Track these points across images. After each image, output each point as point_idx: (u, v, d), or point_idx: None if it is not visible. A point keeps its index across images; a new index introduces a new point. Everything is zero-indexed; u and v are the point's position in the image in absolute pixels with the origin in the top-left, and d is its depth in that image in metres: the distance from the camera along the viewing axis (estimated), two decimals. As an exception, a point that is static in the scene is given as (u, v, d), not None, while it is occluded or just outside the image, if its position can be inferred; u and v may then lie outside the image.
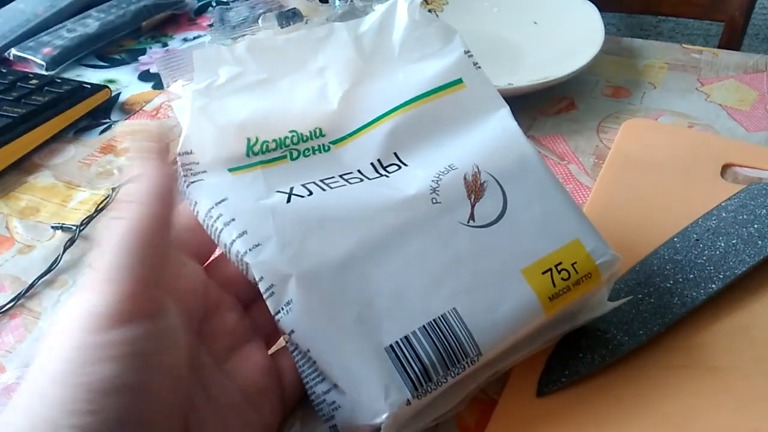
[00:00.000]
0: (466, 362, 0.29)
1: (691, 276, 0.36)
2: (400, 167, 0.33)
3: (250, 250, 0.29)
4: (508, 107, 0.35)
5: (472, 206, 0.31)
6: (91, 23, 0.71)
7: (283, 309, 0.29)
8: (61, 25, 0.71)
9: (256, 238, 0.29)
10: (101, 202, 0.47)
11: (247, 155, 0.32)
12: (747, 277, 0.36)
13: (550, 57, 0.59)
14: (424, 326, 0.28)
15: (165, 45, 0.71)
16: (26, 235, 0.46)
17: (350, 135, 0.34)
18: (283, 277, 0.28)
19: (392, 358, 0.28)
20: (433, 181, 0.32)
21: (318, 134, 0.33)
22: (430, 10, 0.68)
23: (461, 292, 0.29)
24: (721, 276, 0.35)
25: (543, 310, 0.30)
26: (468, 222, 0.31)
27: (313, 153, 0.33)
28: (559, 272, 0.30)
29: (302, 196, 0.31)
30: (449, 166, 0.32)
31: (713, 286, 0.35)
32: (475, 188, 0.32)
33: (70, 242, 0.44)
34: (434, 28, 0.36)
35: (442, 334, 0.28)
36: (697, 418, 0.31)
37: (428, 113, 0.34)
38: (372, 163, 0.33)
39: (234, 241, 0.29)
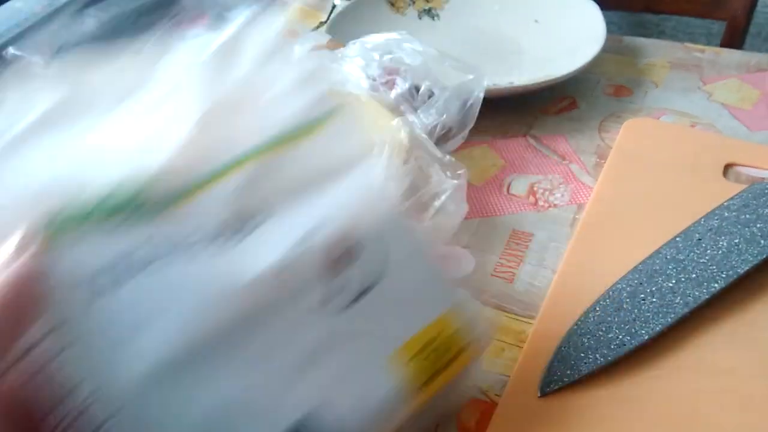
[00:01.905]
0: None
1: (694, 275, 0.36)
2: (252, 230, 0.26)
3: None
4: (379, 148, 0.31)
5: (330, 283, 0.26)
6: (89, 22, 0.70)
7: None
8: (58, 23, 0.70)
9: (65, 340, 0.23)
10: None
11: (42, 230, 0.24)
12: (749, 277, 0.35)
13: (551, 55, 0.59)
14: None
15: (164, 44, 0.71)
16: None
17: (189, 190, 0.26)
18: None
19: None
20: (285, 254, 0.26)
21: (142, 195, 0.25)
22: (431, 9, 0.68)
23: (319, 391, 0.25)
24: (724, 275, 0.35)
25: (413, 397, 0.27)
26: (325, 304, 0.26)
27: (137, 219, 0.25)
28: (432, 352, 0.27)
29: (111, 288, 0.24)
30: (308, 231, 0.27)
31: (716, 285, 0.35)
32: (336, 259, 0.27)
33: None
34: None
35: None
36: (699, 418, 0.31)
37: (289, 158, 0.28)
38: (216, 227, 0.26)
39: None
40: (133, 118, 0.27)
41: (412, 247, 0.29)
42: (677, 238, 0.38)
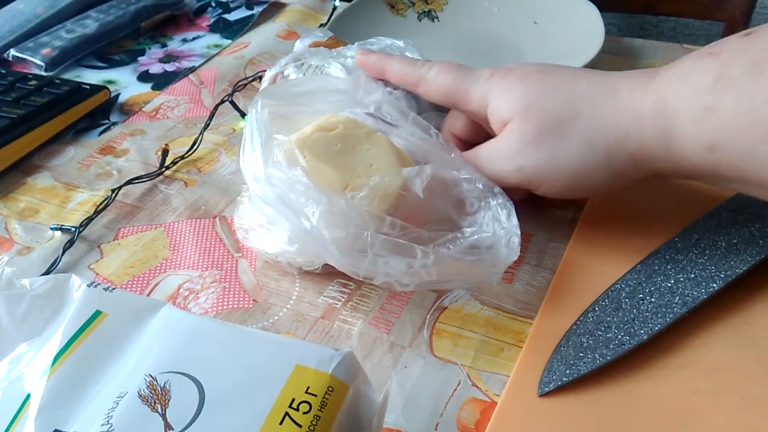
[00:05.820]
0: None
1: (692, 275, 0.36)
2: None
3: None
4: (168, 304, 0.32)
5: (164, 416, 0.27)
6: (90, 24, 0.71)
7: None
8: (60, 25, 0.70)
9: None
10: (100, 204, 0.47)
11: None
12: (748, 277, 0.36)
13: (550, 57, 0.58)
14: None
15: (164, 46, 0.71)
16: (25, 236, 0.46)
17: None
18: None
19: None
20: (103, 425, 0.27)
21: None
22: (430, 11, 0.68)
23: None
24: (722, 275, 0.35)
25: None
26: None
27: None
28: (297, 408, 0.26)
29: None
30: (117, 396, 0.28)
31: (714, 285, 0.35)
32: (157, 397, 0.28)
33: (70, 243, 0.44)
34: (43, 288, 0.33)
35: None
36: (698, 418, 0.31)
37: (77, 362, 0.30)
38: None
39: None
40: None
41: (229, 339, 0.30)
42: (676, 238, 0.38)
